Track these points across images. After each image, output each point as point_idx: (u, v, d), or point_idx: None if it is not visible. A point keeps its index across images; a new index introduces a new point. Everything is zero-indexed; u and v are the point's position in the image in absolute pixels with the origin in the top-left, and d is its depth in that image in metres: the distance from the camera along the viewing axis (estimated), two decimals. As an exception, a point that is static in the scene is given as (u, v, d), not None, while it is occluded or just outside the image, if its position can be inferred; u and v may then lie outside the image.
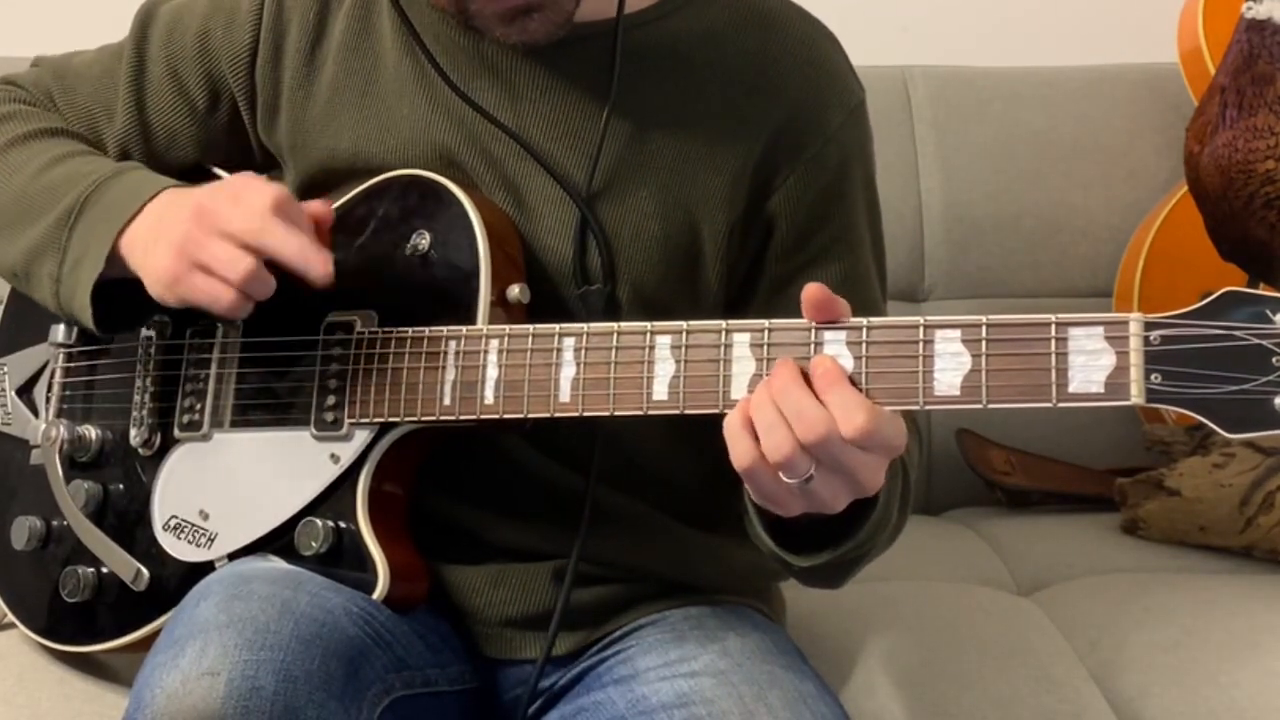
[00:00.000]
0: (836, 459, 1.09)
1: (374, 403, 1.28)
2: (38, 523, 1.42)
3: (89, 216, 1.34)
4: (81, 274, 1.33)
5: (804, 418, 1.09)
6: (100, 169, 1.38)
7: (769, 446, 1.09)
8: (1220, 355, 1.04)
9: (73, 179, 1.37)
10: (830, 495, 1.11)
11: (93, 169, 1.38)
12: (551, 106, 1.35)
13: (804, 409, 1.09)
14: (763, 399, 1.11)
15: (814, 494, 1.11)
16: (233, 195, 1.27)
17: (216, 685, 1.13)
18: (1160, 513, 1.98)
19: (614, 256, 1.33)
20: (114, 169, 1.38)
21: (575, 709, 1.33)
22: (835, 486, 1.11)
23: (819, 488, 1.10)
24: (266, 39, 1.41)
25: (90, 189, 1.35)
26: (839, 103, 1.37)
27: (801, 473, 1.09)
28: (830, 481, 1.10)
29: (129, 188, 1.35)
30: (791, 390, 1.10)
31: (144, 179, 1.36)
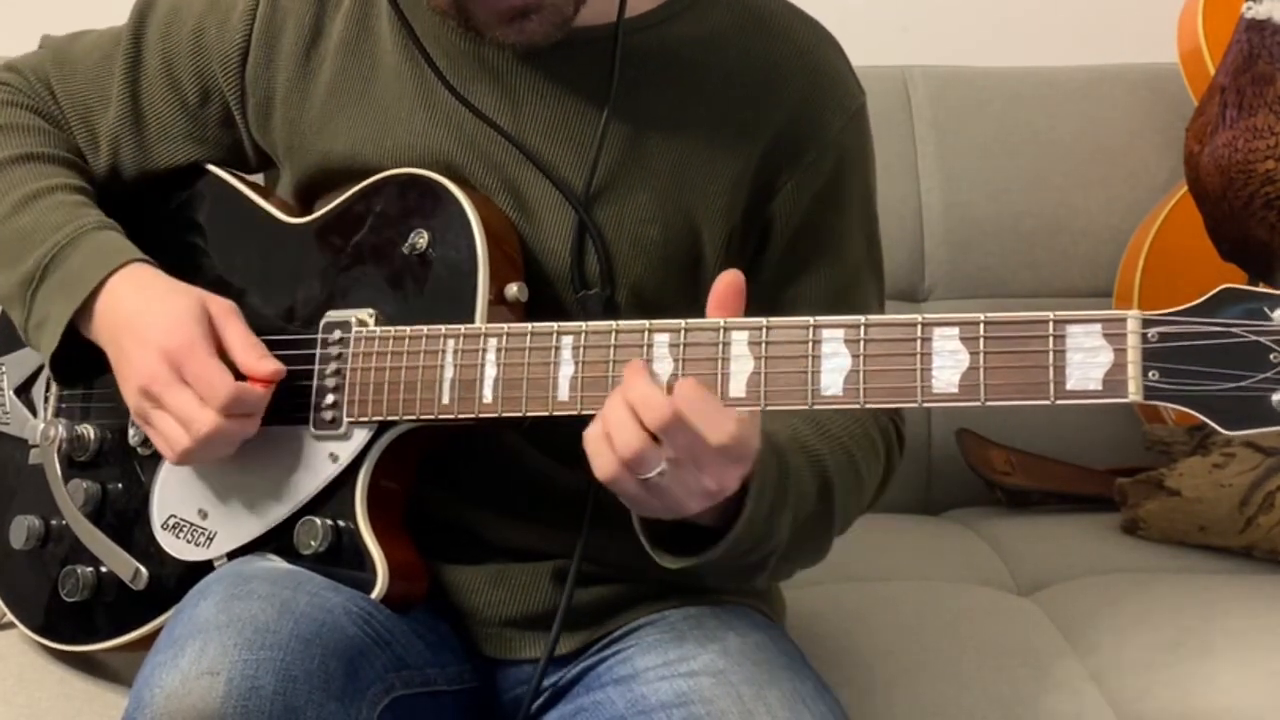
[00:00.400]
0: (688, 448, 1.11)
1: (373, 402, 1.28)
2: (36, 522, 1.42)
3: (50, 284, 1.34)
4: (44, 337, 1.35)
5: (649, 404, 1.12)
6: (65, 225, 1.36)
7: (620, 443, 1.12)
8: (1218, 352, 1.04)
9: (39, 232, 1.36)
10: (684, 494, 1.14)
11: (59, 221, 1.37)
12: (551, 111, 1.35)
13: (648, 396, 1.12)
14: (614, 400, 1.14)
15: (667, 491, 1.13)
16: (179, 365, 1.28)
17: (216, 685, 1.13)
18: (1160, 513, 1.98)
19: (612, 261, 1.33)
20: (74, 229, 1.36)
21: (575, 709, 1.33)
22: (687, 484, 1.14)
23: (671, 484, 1.13)
24: (259, 39, 1.41)
25: (51, 254, 1.34)
26: (839, 107, 1.38)
27: (653, 466, 1.12)
28: (681, 478, 1.13)
29: (87, 259, 1.34)
30: (636, 382, 1.14)
31: (101, 250, 1.35)
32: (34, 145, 1.44)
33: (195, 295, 1.32)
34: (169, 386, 1.27)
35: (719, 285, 1.18)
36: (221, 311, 1.31)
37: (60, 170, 1.43)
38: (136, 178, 1.47)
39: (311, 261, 1.36)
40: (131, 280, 1.33)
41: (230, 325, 1.30)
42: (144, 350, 1.28)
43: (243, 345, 1.29)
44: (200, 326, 1.29)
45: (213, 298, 1.32)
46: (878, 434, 1.37)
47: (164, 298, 1.31)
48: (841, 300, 1.36)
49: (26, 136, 1.44)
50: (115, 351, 1.32)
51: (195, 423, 1.26)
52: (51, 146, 1.45)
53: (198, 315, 1.29)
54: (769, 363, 1.15)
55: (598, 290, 1.32)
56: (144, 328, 1.29)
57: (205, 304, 1.31)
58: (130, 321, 1.31)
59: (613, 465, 1.14)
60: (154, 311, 1.30)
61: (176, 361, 1.27)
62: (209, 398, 1.26)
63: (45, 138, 1.45)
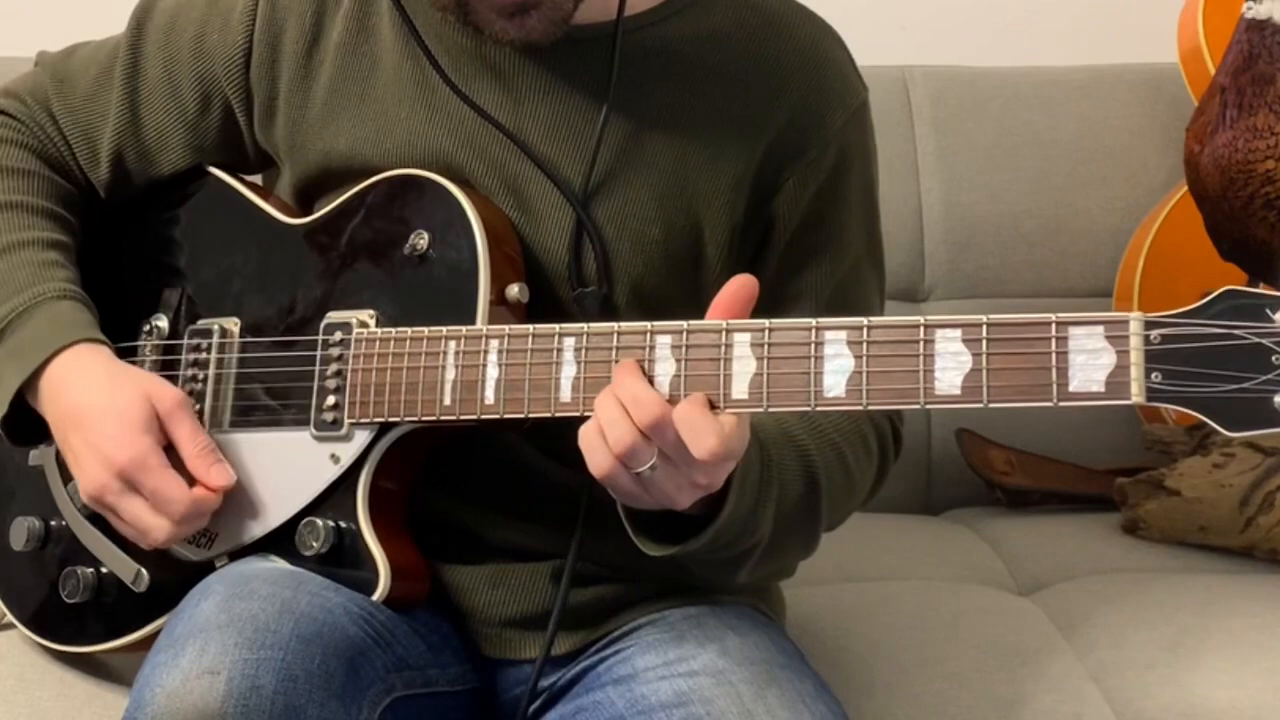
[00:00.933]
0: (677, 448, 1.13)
1: (374, 403, 1.28)
2: (36, 523, 1.42)
3: (3, 348, 1.33)
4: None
5: (640, 403, 1.13)
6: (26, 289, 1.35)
7: (613, 439, 1.13)
8: (1220, 354, 1.04)
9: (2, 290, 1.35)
10: (674, 488, 1.15)
11: (22, 283, 1.35)
12: (551, 108, 1.35)
13: (639, 395, 1.14)
14: (606, 398, 1.15)
15: (658, 485, 1.14)
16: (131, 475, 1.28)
17: (217, 684, 1.13)
18: (1160, 513, 1.98)
19: (610, 259, 1.33)
20: (33, 295, 1.34)
21: (574, 709, 1.33)
22: (678, 479, 1.15)
23: (661, 478, 1.14)
24: (261, 40, 1.41)
25: (7, 319, 1.33)
26: (841, 103, 1.37)
27: (644, 461, 1.13)
28: (672, 473, 1.14)
29: (39, 331, 1.33)
30: (627, 381, 1.15)
31: (54, 324, 1.34)
32: (18, 192, 1.42)
33: (140, 390, 1.30)
34: (121, 497, 1.28)
35: (730, 288, 1.18)
36: (170, 409, 1.30)
37: (39, 221, 1.41)
38: (140, 186, 1.47)
39: (312, 262, 1.36)
40: (75, 365, 1.31)
41: (180, 425, 1.29)
42: (94, 459, 1.28)
43: (193, 452, 1.29)
44: (150, 436, 1.28)
45: (159, 391, 1.30)
46: (871, 432, 1.37)
47: (108, 391, 1.29)
48: (843, 295, 1.36)
49: (13, 181, 1.43)
50: (65, 448, 1.32)
51: (151, 532, 1.28)
52: (37, 195, 1.43)
53: (145, 420, 1.28)
54: (771, 364, 1.15)
55: (594, 288, 1.32)
56: (92, 432, 1.28)
57: (152, 400, 1.29)
58: (76, 418, 1.29)
59: (607, 460, 1.14)
60: (100, 412, 1.28)
61: (128, 476, 1.27)
62: (165, 511, 1.27)
63: (31, 182, 1.43)
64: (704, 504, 1.20)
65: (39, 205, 1.42)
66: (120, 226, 1.46)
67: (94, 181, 1.46)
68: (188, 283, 1.42)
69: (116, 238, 1.47)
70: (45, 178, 1.44)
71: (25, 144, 1.45)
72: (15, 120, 1.46)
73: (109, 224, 1.47)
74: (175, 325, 1.41)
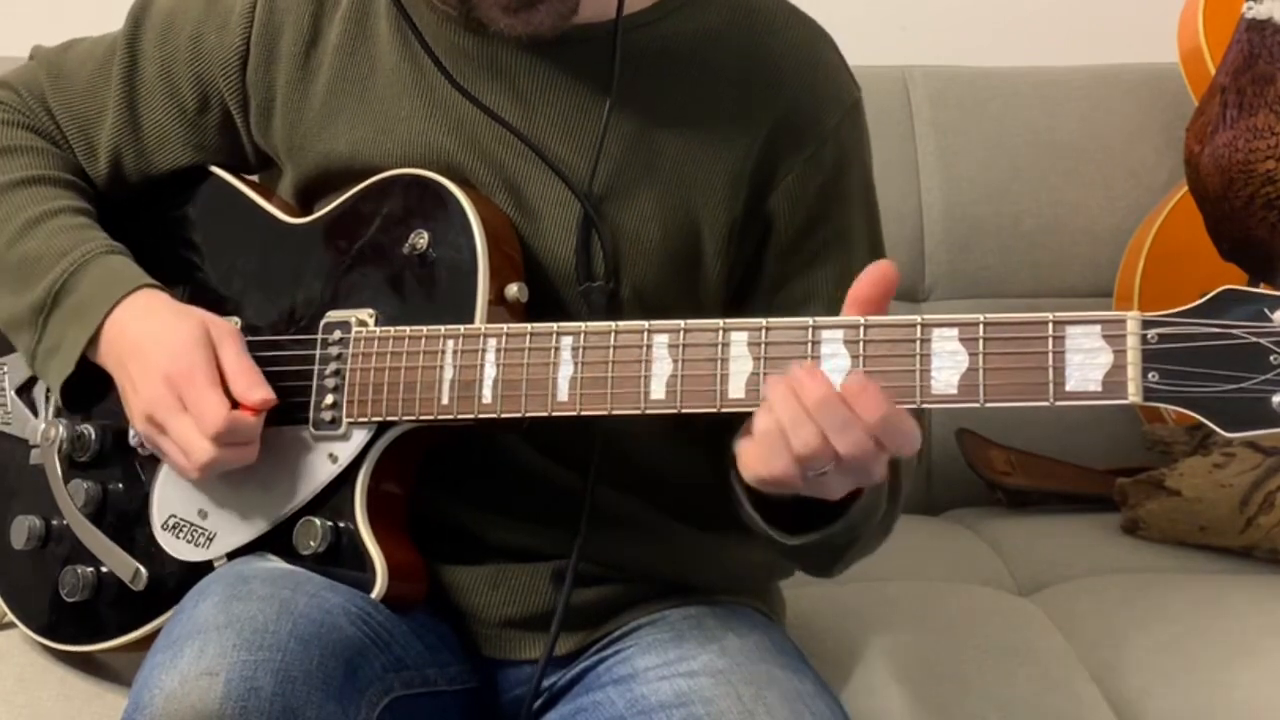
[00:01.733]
0: (863, 464, 1.11)
1: (372, 402, 1.28)
2: (37, 522, 1.42)
3: (62, 310, 1.35)
4: (54, 364, 1.35)
5: (846, 434, 1.09)
6: (72, 250, 1.36)
7: (798, 441, 1.10)
8: (1218, 354, 1.04)
9: (47, 257, 1.36)
10: (840, 487, 1.14)
11: (67, 246, 1.37)
12: (554, 106, 1.35)
13: (848, 424, 1.09)
14: (786, 395, 1.11)
15: (824, 484, 1.13)
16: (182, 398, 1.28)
17: (215, 685, 1.13)
18: (1160, 513, 1.98)
19: (618, 255, 1.33)
20: (82, 255, 1.36)
21: (574, 709, 1.33)
22: (847, 483, 1.14)
23: (831, 480, 1.13)
24: (258, 41, 1.41)
25: (62, 280, 1.35)
26: (836, 101, 1.38)
27: (824, 465, 1.11)
28: (844, 480, 1.13)
29: (97, 285, 1.34)
30: (810, 384, 1.10)
31: (110, 276, 1.35)
32: (35, 167, 1.43)
33: (198, 318, 1.32)
34: (170, 413, 1.28)
35: (870, 275, 1.14)
36: (221, 335, 1.31)
37: (63, 192, 1.43)
38: (137, 184, 1.47)
39: (312, 262, 1.36)
40: (138, 306, 1.33)
41: (226, 349, 1.30)
42: (148, 376, 1.29)
43: (235, 371, 1.29)
44: (202, 352, 1.29)
45: (215, 320, 1.32)
46: None
47: (168, 322, 1.31)
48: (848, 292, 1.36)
49: (27, 158, 1.44)
50: (122, 377, 1.32)
51: (194, 451, 1.27)
52: (52, 168, 1.44)
53: (200, 340, 1.29)
54: (768, 363, 1.15)
55: (602, 283, 1.31)
56: (149, 353, 1.30)
57: (208, 327, 1.31)
58: (135, 347, 1.31)
59: (785, 461, 1.12)
60: (158, 336, 1.30)
61: (177, 387, 1.28)
62: (202, 426, 1.27)
63: (45, 158, 1.45)
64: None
65: (59, 177, 1.44)
66: (121, 225, 1.46)
67: (91, 176, 1.46)
68: (188, 281, 1.42)
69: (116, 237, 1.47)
70: (55, 154, 1.46)
71: (28, 126, 1.46)
72: (12, 108, 1.47)
73: (109, 223, 1.47)
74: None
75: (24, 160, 1.44)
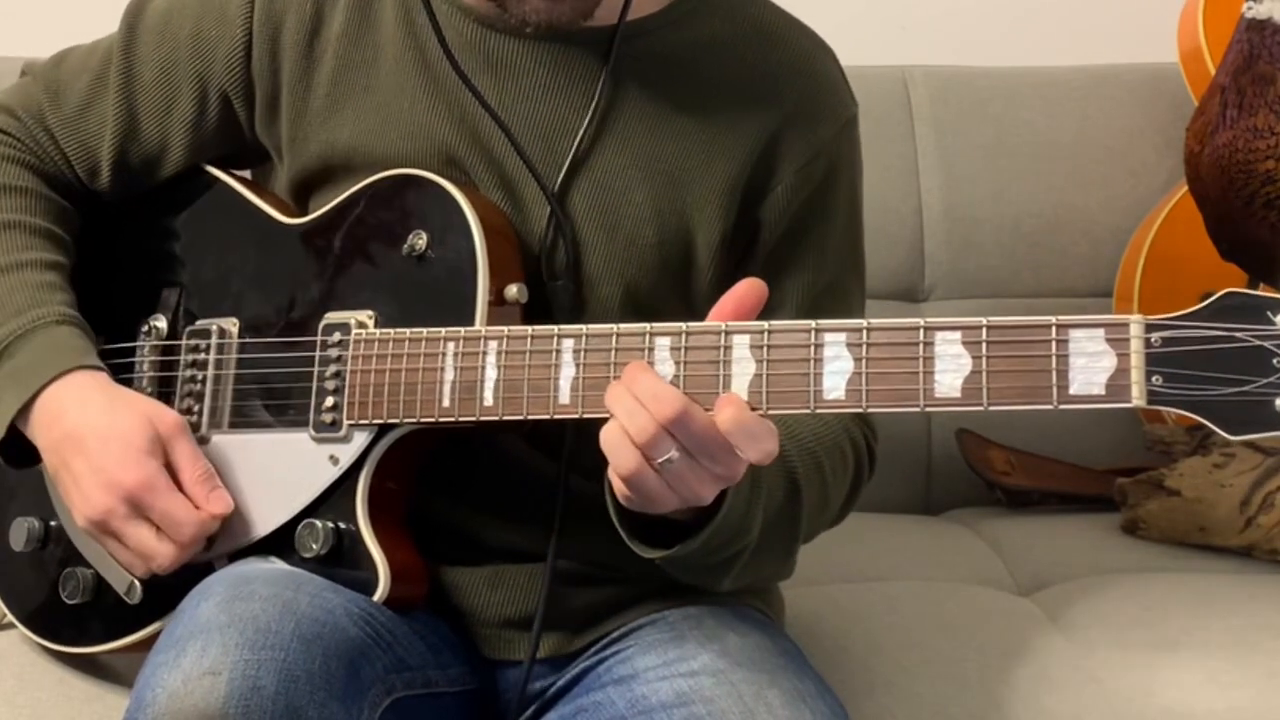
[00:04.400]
0: (699, 439, 1.12)
1: (373, 404, 1.28)
2: (36, 524, 1.42)
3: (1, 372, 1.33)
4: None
5: (660, 398, 1.13)
6: (25, 312, 1.34)
7: (635, 429, 1.13)
8: (1221, 357, 1.04)
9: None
10: (696, 481, 1.14)
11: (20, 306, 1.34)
12: (544, 104, 1.35)
13: (658, 391, 1.13)
14: (620, 395, 1.15)
15: (680, 478, 1.14)
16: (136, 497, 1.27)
17: (218, 685, 1.13)
18: (1160, 513, 1.98)
19: (584, 256, 1.33)
20: (32, 319, 1.33)
21: (574, 709, 1.33)
22: (699, 472, 1.14)
23: (684, 470, 1.13)
24: (260, 33, 1.40)
25: (5, 343, 1.33)
26: (832, 115, 1.39)
27: (664, 451, 1.13)
28: (692, 466, 1.14)
29: (37, 356, 1.32)
30: (641, 378, 1.14)
31: (54, 349, 1.33)
32: (15, 212, 1.41)
33: (140, 413, 1.30)
34: (126, 523, 1.28)
35: (738, 290, 1.17)
36: (170, 432, 1.30)
37: (37, 242, 1.40)
38: (140, 189, 1.46)
39: (310, 263, 1.36)
40: (74, 389, 1.31)
41: (180, 449, 1.29)
42: (97, 483, 1.27)
43: (193, 478, 1.29)
44: (155, 459, 1.28)
45: (159, 413, 1.31)
46: (849, 447, 1.37)
47: (109, 417, 1.29)
48: (820, 306, 1.36)
49: (11, 200, 1.41)
50: (61, 471, 1.30)
51: (155, 558, 1.28)
52: (34, 215, 1.42)
53: (150, 443, 1.28)
54: (770, 366, 1.15)
55: (563, 281, 1.32)
56: (94, 454, 1.28)
57: (154, 424, 1.29)
58: (76, 442, 1.29)
59: (633, 456, 1.14)
60: (102, 435, 1.28)
61: (136, 500, 1.27)
62: (174, 535, 1.27)
63: (31, 202, 1.42)
64: (692, 512, 1.20)
65: (37, 225, 1.41)
66: (118, 226, 1.46)
67: (96, 191, 1.45)
68: (186, 283, 1.42)
69: (114, 238, 1.47)
70: (43, 196, 1.43)
71: (22, 160, 1.44)
72: (10, 136, 1.45)
73: (107, 224, 1.46)
74: (174, 325, 1.40)
75: (7, 202, 1.41)
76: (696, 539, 1.20)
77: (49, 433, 1.31)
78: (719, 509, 1.19)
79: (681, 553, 1.21)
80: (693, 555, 1.21)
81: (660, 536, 1.22)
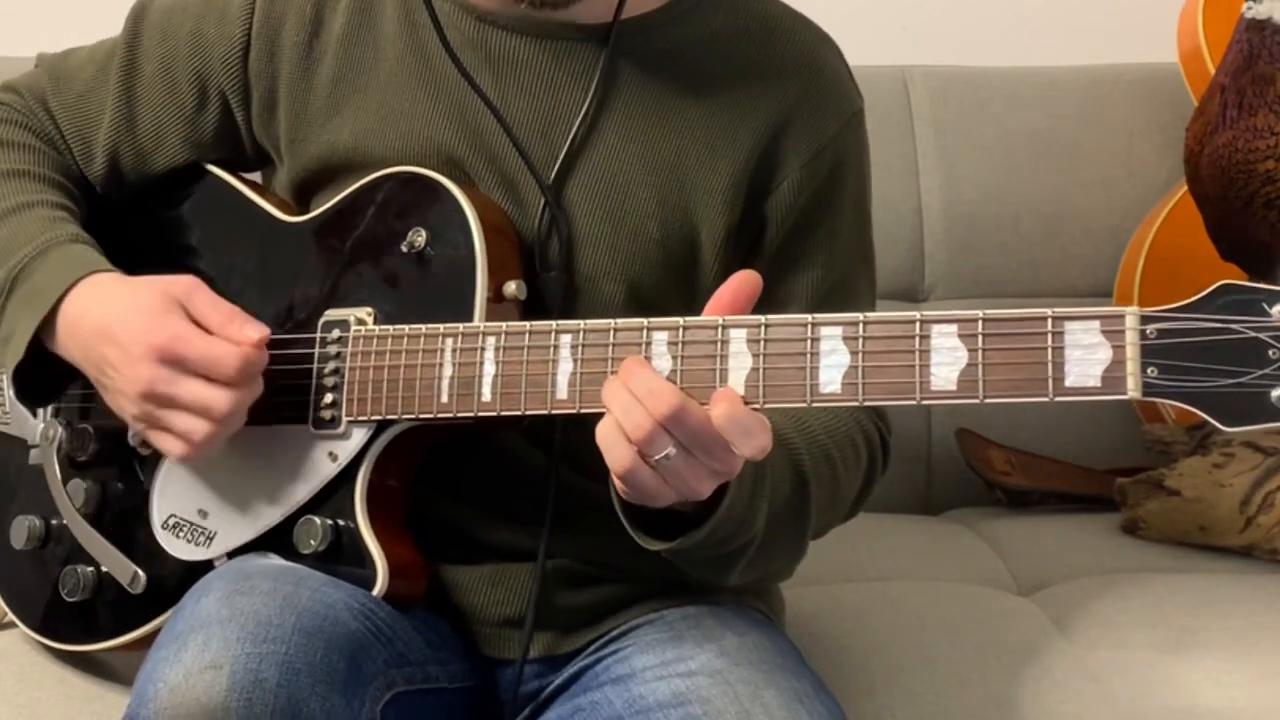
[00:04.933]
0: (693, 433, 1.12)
1: (372, 400, 1.28)
2: (37, 522, 1.42)
3: (16, 297, 1.33)
4: (7, 352, 1.33)
5: (656, 394, 1.13)
6: (36, 238, 1.35)
7: (630, 426, 1.13)
8: (1217, 348, 1.04)
9: (12, 244, 1.35)
10: (694, 477, 1.14)
11: (32, 234, 1.35)
12: (543, 99, 1.36)
13: (653, 386, 1.13)
14: (616, 390, 1.15)
15: (677, 474, 1.14)
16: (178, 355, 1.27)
17: (219, 678, 1.13)
18: (1160, 513, 1.98)
19: (583, 249, 1.33)
20: (44, 241, 1.35)
21: (572, 708, 1.33)
22: (696, 468, 1.14)
23: (681, 466, 1.13)
24: (260, 33, 1.41)
25: (20, 266, 1.34)
26: (838, 109, 1.39)
27: (661, 448, 1.12)
28: (690, 462, 1.13)
29: (51, 272, 1.33)
30: (638, 373, 1.14)
31: (66, 262, 1.34)
32: (23, 163, 1.43)
33: (155, 286, 1.30)
34: (174, 381, 1.26)
35: (732, 284, 1.17)
36: (186, 290, 1.29)
37: (45, 188, 1.42)
38: (136, 183, 1.47)
39: (310, 260, 1.36)
40: (93, 290, 1.31)
41: (199, 301, 1.28)
42: (131, 356, 1.27)
43: (221, 318, 1.28)
44: (177, 313, 1.27)
45: (171, 280, 1.30)
46: (861, 440, 1.37)
47: (128, 299, 1.29)
48: (830, 302, 1.36)
49: (17, 154, 1.44)
50: (98, 366, 1.30)
51: (214, 405, 1.25)
52: (41, 166, 1.44)
53: (169, 303, 1.28)
54: (767, 359, 1.15)
55: (556, 273, 1.32)
56: (120, 335, 1.28)
57: (168, 289, 1.29)
58: (103, 333, 1.29)
59: (627, 453, 1.14)
60: (124, 316, 1.28)
61: (172, 355, 1.26)
62: (220, 373, 1.25)
63: (36, 156, 1.45)
64: (696, 504, 1.20)
65: (44, 174, 1.43)
66: (118, 224, 1.46)
67: (89, 178, 1.47)
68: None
69: (114, 236, 1.47)
70: (48, 154, 1.45)
71: (26, 126, 1.46)
72: (15, 110, 1.47)
73: (107, 222, 1.47)
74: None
75: (14, 155, 1.44)
76: (699, 532, 1.20)
77: (76, 340, 1.31)
78: (720, 502, 1.19)
79: (684, 545, 1.21)
80: (696, 548, 1.21)
81: (664, 529, 1.22)
